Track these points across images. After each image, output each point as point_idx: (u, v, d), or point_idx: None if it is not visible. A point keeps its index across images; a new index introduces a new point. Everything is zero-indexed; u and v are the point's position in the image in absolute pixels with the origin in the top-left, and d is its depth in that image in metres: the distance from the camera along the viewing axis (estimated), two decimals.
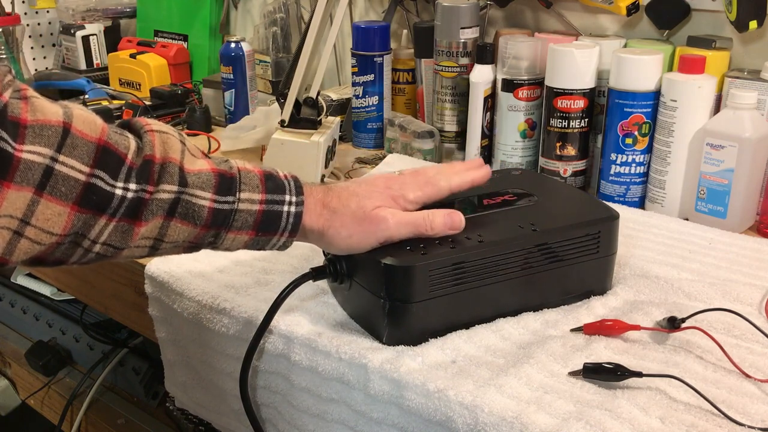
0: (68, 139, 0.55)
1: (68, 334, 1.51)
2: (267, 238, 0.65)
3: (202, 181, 0.62)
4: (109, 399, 1.43)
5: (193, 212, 0.61)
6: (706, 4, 1.04)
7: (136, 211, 0.58)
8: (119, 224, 0.58)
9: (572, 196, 0.83)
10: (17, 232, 0.53)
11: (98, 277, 0.98)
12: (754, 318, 0.69)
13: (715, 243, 0.88)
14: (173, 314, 0.81)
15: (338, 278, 0.71)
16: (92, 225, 0.57)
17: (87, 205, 0.56)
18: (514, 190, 0.80)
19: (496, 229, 0.71)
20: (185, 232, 0.62)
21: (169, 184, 0.60)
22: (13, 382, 1.68)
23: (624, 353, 0.66)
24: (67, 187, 0.54)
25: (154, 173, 0.59)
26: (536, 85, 1.08)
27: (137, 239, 0.60)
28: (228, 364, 0.77)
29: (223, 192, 0.62)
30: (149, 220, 0.59)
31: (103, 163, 0.56)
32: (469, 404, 0.60)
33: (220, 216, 0.62)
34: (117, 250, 0.60)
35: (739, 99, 0.89)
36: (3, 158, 0.51)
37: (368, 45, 1.23)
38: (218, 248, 0.66)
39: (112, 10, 1.78)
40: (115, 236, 0.59)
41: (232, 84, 1.35)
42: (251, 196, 0.64)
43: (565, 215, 0.75)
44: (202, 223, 0.62)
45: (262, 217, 0.64)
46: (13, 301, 1.60)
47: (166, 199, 0.60)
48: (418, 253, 0.66)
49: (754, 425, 0.57)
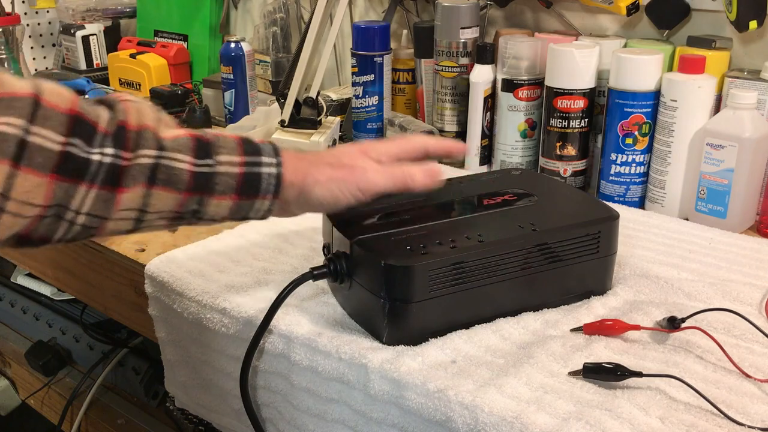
0: (39, 110, 0.55)
1: (68, 334, 1.51)
2: (250, 202, 0.65)
3: (180, 144, 0.62)
4: (109, 399, 1.43)
5: (174, 177, 0.61)
6: (706, 4, 1.04)
7: (116, 178, 0.58)
8: (100, 192, 0.58)
9: (572, 196, 0.83)
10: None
11: (98, 277, 0.98)
12: (754, 318, 0.69)
13: (715, 243, 0.88)
14: (173, 314, 0.81)
15: (338, 278, 0.71)
16: (73, 194, 0.57)
17: (65, 173, 0.56)
18: (514, 190, 0.80)
19: (496, 229, 0.71)
20: (169, 199, 0.61)
21: (146, 148, 0.60)
22: (13, 382, 1.68)
23: (624, 353, 0.66)
24: (43, 158, 0.55)
25: (130, 139, 0.59)
26: (536, 85, 1.08)
27: (120, 209, 0.59)
28: (228, 364, 0.77)
29: (202, 155, 0.62)
30: (130, 187, 0.59)
31: (77, 131, 0.57)
32: (469, 404, 0.60)
33: (202, 179, 0.62)
34: (101, 220, 0.59)
35: (739, 99, 0.89)
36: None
37: (368, 45, 1.23)
38: (202, 218, 0.65)
39: (112, 10, 1.78)
40: (97, 205, 0.58)
41: (232, 84, 1.35)
42: (230, 159, 0.63)
43: (565, 215, 0.75)
44: (185, 188, 0.61)
45: (243, 179, 0.63)
46: (13, 301, 1.60)
47: (145, 164, 0.59)
48: (418, 253, 0.66)
49: (754, 425, 0.57)
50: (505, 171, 0.90)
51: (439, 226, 0.72)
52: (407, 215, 0.74)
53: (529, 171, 1.04)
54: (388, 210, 0.74)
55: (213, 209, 0.64)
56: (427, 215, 0.74)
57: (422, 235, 0.69)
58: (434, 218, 0.73)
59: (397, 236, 0.69)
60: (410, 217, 0.73)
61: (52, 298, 1.54)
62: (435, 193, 0.72)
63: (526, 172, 0.90)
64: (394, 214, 0.74)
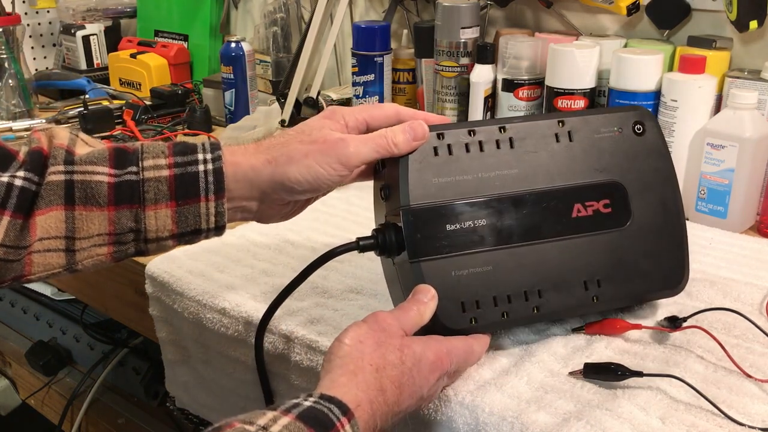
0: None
1: (68, 334, 1.51)
2: (193, 207, 0.58)
3: (94, 156, 0.57)
4: (110, 399, 1.43)
5: (92, 192, 0.56)
6: (706, 4, 1.04)
7: (30, 203, 0.55)
8: (13, 220, 0.54)
9: (670, 221, 0.70)
10: None
11: (98, 277, 0.98)
12: (754, 318, 0.69)
13: (716, 243, 0.88)
14: (174, 314, 0.81)
15: (385, 251, 0.65)
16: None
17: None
18: (612, 184, 0.68)
19: (561, 286, 0.65)
20: (94, 219, 0.56)
21: (55, 165, 0.56)
22: (14, 382, 1.68)
23: (625, 353, 0.66)
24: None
25: (42, 163, 0.56)
26: (536, 85, 1.08)
27: (39, 237, 0.55)
28: (228, 364, 0.77)
29: (121, 164, 0.57)
30: (44, 210, 0.55)
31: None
32: (470, 404, 0.60)
33: (126, 190, 0.56)
34: (19, 251, 0.55)
35: (740, 99, 0.88)
36: None
37: (368, 45, 1.23)
38: (148, 239, 0.58)
39: (113, 10, 1.78)
40: (11, 234, 0.54)
41: (233, 84, 1.35)
42: (156, 162, 0.57)
43: (637, 272, 0.68)
44: (107, 202, 0.56)
45: (176, 183, 0.57)
46: (13, 301, 1.60)
47: (56, 181, 0.55)
48: (468, 316, 0.62)
49: (754, 425, 0.57)
50: (622, 114, 0.71)
51: (507, 260, 0.64)
52: (485, 218, 0.64)
53: (635, 136, 0.72)
54: (471, 197, 0.64)
55: (153, 223, 0.58)
56: (504, 222, 0.65)
57: (484, 275, 0.63)
58: (507, 235, 0.64)
59: (459, 267, 0.63)
60: (486, 223, 0.64)
61: (53, 298, 1.54)
62: (529, 162, 0.66)
63: (630, 138, 0.70)
64: (473, 208, 0.64)
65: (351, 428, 0.50)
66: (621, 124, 0.70)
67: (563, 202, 0.66)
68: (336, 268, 0.82)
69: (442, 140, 0.64)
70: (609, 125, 0.69)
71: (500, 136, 0.66)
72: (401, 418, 0.57)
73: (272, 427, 0.47)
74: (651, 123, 0.71)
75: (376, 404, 0.53)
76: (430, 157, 0.64)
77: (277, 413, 0.48)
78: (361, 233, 0.66)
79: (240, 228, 0.93)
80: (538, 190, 0.66)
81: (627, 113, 0.71)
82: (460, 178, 0.64)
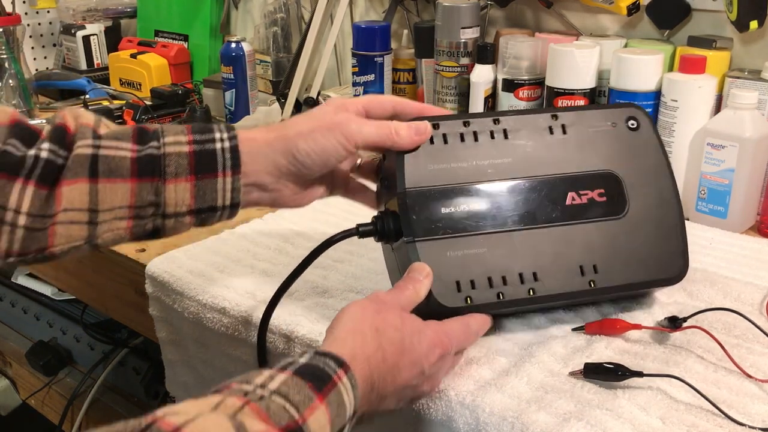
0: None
1: (69, 334, 1.51)
2: (210, 181, 0.61)
3: (118, 133, 0.60)
4: (110, 399, 1.43)
5: (116, 165, 0.58)
6: (706, 4, 1.04)
7: (54, 174, 0.57)
8: (38, 189, 0.57)
9: (666, 211, 0.71)
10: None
11: (99, 277, 0.98)
12: (755, 318, 0.69)
13: (716, 243, 0.88)
14: (174, 314, 0.81)
15: (383, 237, 0.67)
16: (9, 191, 0.56)
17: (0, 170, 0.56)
18: (607, 174, 0.70)
19: (556, 270, 0.66)
20: (117, 191, 0.59)
21: (82, 140, 0.58)
22: (14, 382, 1.68)
23: (625, 353, 0.66)
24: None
25: (69, 140, 0.59)
26: (537, 85, 1.08)
27: (64, 208, 0.57)
28: (229, 363, 0.77)
29: (144, 140, 0.60)
30: (70, 181, 0.57)
31: (16, 135, 0.57)
32: (470, 404, 0.60)
33: (148, 163, 0.59)
34: (45, 220, 0.57)
35: (740, 99, 0.88)
36: None
37: (369, 45, 1.23)
38: (166, 214, 0.61)
39: (113, 10, 1.78)
40: (36, 203, 0.57)
41: (233, 84, 1.35)
42: (177, 139, 0.61)
43: (635, 264, 0.68)
44: (130, 174, 0.59)
45: (195, 158, 0.60)
46: (13, 301, 1.60)
47: (82, 155, 0.58)
48: (462, 294, 0.64)
49: (754, 425, 0.57)
50: (615, 110, 0.73)
51: (501, 243, 0.66)
52: (479, 202, 0.66)
53: (630, 131, 0.73)
54: (465, 182, 0.67)
55: (173, 196, 0.60)
56: (499, 207, 0.67)
57: (479, 257, 0.65)
58: (502, 219, 0.66)
59: (454, 248, 0.65)
60: (481, 207, 0.66)
61: (53, 298, 1.54)
62: (525, 150, 0.68)
63: (625, 131, 0.72)
64: (467, 192, 0.67)
65: (348, 380, 0.51)
66: (615, 119, 0.72)
67: (557, 189, 0.68)
68: (336, 268, 0.82)
69: (438, 130, 0.68)
70: (603, 120, 0.72)
71: (494, 128, 0.69)
72: (404, 392, 0.58)
73: (270, 384, 0.47)
74: (645, 118, 0.73)
75: (373, 361, 0.55)
76: (426, 145, 0.67)
77: (274, 371, 0.49)
78: None
79: (240, 228, 0.93)
80: (531, 178, 0.68)
81: (620, 109, 0.73)
82: (455, 165, 0.67)
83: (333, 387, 0.50)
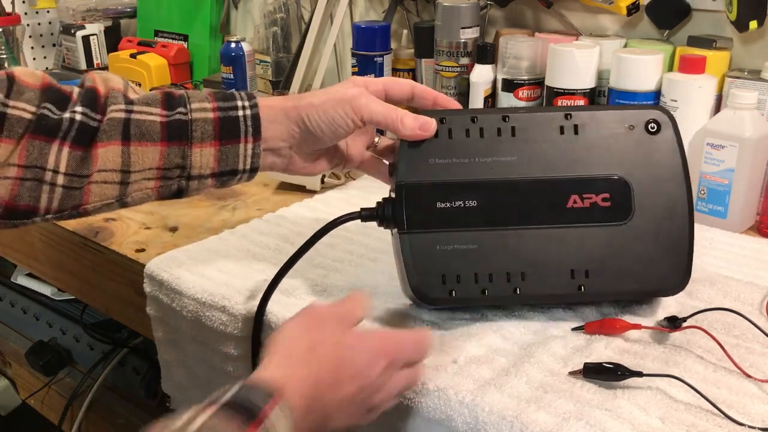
0: (14, 86, 0.59)
1: (68, 334, 1.51)
2: (233, 147, 0.64)
3: (148, 98, 0.63)
4: (110, 399, 1.43)
5: (147, 129, 0.62)
6: (706, 4, 1.04)
7: (90, 135, 0.60)
8: (75, 150, 0.60)
9: (674, 219, 0.69)
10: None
11: (98, 277, 0.98)
12: (754, 318, 0.69)
13: (716, 243, 0.88)
14: (171, 313, 0.81)
15: (384, 222, 0.70)
16: (47, 152, 0.59)
17: (38, 132, 0.59)
18: (615, 180, 0.68)
19: (546, 272, 0.66)
20: (148, 153, 0.62)
21: (115, 105, 0.62)
22: (14, 382, 1.68)
23: (624, 353, 0.66)
24: (19, 127, 0.58)
25: (100, 102, 0.62)
26: (536, 85, 1.08)
27: (99, 168, 0.61)
28: (227, 362, 0.77)
29: (172, 106, 0.63)
30: (104, 143, 0.60)
31: (49, 99, 0.60)
32: (469, 403, 0.60)
33: (177, 128, 0.63)
34: (82, 179, 0.60)
35: (740, 99, 0.88)
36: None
37: (368, 45, 1.23)
38: (191, 176, 0.64)
39: (113, 10, 1.78)
40: (74, 163, 0.60)
41: (232, 84, 1.35)
42: (203, 105, 0.64)
43: (630, 274, 0.68)
44: (160, 138, 0.62)
45: (220, 124, 0.64)
46: (13, 301, 1.60)
47: (117, 118, 0.61)
48: (448, 287, 0.66)
49: (754, 425, 0.57)
50: (636, 112, 0.71)
51: (493, 241, 0.67)
52: (475, 200, 0.67)
53: (649, 135, 0.71)
54: (463, 179, 0.67)
55: (198, 160, 0.64)
56: (495, 205, 0.67)
57: (469, 253, 0.66)
58: (497, 218, 0.67)
59: (444, 243, 0.66)
60: (477, 204, 0.67)
61: (53, 298, 1.54)
62: (531, 153, 0.67)
63: (642, 135, 0.70)
64: (463, 189, 0.67)
65: (280, 410, 0.49)
66: (633, 121, 0.69)
67: (558, 191, 0.68)
68: (336, 267, 0.82)
69: (444, 124, 0.68)
70: (619, 122, 0.69)
71: (502, 125, 0.69)
72: (351, 408, 0.56)
73: (190, 426, 0.46)
74: (668, 122, 0.70)
75: (309, 382, 0.53)
76: (430, 139, 0.68)
77: (198, 409, 0.48)
78: (361, 232, 0.67)
79: (240, 228, 0.93)
80: (532, 178, 0.67)
81: (641, 111, 0.71)
82: (457, 160, 0.68)
83: (262, 420, 0.47)
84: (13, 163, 0.59)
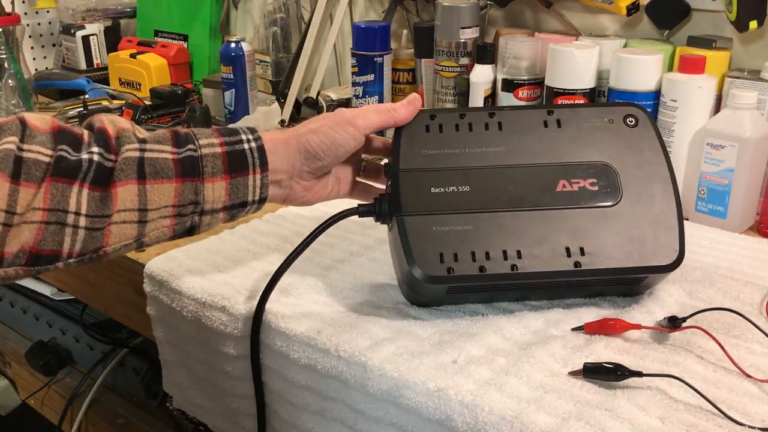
0: (27, 130, 0.59)
1: (68, 334, 1.51)
2: (243, 179, 0.66)
3: (158, 136, 0.65)
4: (109, 399, 1.43)
5: (161, 167, 0.63)
6: (706, 4, 1.04)
7: (107, 176, 0.61)
8: (94, 192, 0.60)
9: (661, 198, 0.72)
10: (5, 224, 0.57)
11: (98, 277, 0.98)
12: (754, 318, 0.69)
13: (715, 243, 0.88)
14: (171, 313, 0.81)
15: (381, 218, 0.73)
16: (68, 194, 0.59)
17: (58, 174, 0.59)
18: (601, 166, 0.71)
19: (541, 250, 0.68)
20: (164, 191, 0.63)
21: (128, 144, 0.63)
22: (13, 382, 1.68)
23: (624, 353, 0.66)
24: (37, 170, 0.58)
25: (112, 142, 0.63)
26: (536, 85, 1.08)
27: (119, 209, 0.61)
28: (226, 362, 0.77)
29: (181, 144, 0.65)
30: (122, 182, 0.61)
31: (64, 141, 0.61)
32: (469, 403, 0.60)
33: (189, 164, 0.64)
34: (103, 220, 0.61)
35: (740, 99, 0.88)
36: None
37: (368, 45, 1.23)
38: (204, 211, 0.66)
39: (112, 10, 1.78)
40: (94, 204, 0.60)
41: (232, 84, 1.35)
42: (210, 141, 0.66)
43: (624, 250, 0.69)
44: (174, 175, 0.63)
45: (228, 158, 0.66)
46: (13, 301, 1.60)
47: (132, 158, 0.62)
48: (446, 265, 0.67)
49: (754, 425, 0.57)
50: (613, 108, 0.75)
51: (488, 222, 0.69)
52: (468, 184, 0.70)
53: (627, 128, 0.75)
54: (455, 166, 0.71)
55: (210, 194, 0.65)
56: (488, 190, 0.70)
57: (465, 233, 0.68)
58: (490, 201, 0.69)
59: (441, 224, 0.68)
60: (470, 189, 0.70)
61: (53, 298, 1.54)
62: (521, 142, 0.72)
63: (622, 128, 0.74)
64: (457, 175, 0.71)
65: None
66: (612, 116, 0.74)
67: (548, 176, 0.71)
68: (336, 267, 0.82)
69: (434, 120, 0.73)
70: (600, 117, 0.74)
71: (489, 120, 0.73)
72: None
73: None
74: (644, 116, 0.74)
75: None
76: (422, 132, 0.73)
77: None
78: (360, 233, 0.67)
79: (240, 228, 0.93)
80: (521, 165, 0.71)
81: (618, 107, 0.75)
82: (448, 151, 0.72)
83: None
84: (38, 207, 0.58)
